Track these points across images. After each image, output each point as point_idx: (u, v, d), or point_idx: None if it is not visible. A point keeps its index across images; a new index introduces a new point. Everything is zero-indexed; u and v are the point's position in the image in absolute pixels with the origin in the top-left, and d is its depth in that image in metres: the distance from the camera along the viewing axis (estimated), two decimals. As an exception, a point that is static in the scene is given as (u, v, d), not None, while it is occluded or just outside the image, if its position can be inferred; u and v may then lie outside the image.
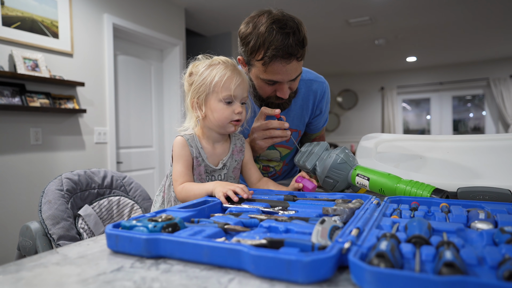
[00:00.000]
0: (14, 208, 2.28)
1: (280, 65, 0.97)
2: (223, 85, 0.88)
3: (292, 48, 0.95)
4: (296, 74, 1.02)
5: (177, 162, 0.89)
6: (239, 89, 0.89)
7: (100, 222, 1.04)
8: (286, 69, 0.98)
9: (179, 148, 0.90)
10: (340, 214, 0.60)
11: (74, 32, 2.62)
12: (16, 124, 2.28)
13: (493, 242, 0.45)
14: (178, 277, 0.40)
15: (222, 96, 0.88)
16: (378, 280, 0.33)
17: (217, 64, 0.91)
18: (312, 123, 1.29)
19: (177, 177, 0.88)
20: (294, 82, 1.06)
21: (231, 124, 0.91)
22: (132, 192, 1.18)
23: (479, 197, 0.80)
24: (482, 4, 3.61)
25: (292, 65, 0.98)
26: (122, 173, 1.23)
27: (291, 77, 1.01)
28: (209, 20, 4.04)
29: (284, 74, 0.99)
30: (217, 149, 0.95)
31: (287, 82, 1.03)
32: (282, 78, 1.00)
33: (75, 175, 1.06)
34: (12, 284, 0.38)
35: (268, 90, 1.06)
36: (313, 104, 1.23)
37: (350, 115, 7.43)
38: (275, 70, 0.98)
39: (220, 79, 0.88)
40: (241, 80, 0.90)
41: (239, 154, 0.99)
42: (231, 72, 0.89)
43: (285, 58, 0.96)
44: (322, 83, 1.23)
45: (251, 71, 1.06)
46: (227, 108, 0.89)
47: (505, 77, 6.01)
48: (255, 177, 1.00)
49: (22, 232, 0.92)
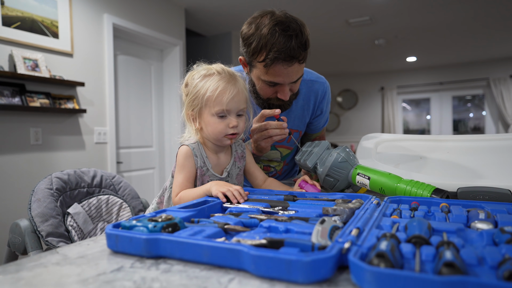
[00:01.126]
0: (14, 208, 2.28)
1: (282, 67, 0.96)
2: (215, 99, 0.85)
3: (295, 51, 0.94)
4: (298, 76, 1.02)
5: (179, 173, 0.87)
6: (233, 103, 0.86)
7: (89, 220, 1.07)
8: (287, 72, 0.98)
9: (183, 159, 0.88)
10: (340, 214, 0.60)
11: (74, 32, 2.62)
12: (16, 124, 2.28)
13: (493, 242, 0.45)
14: (178, 277, 0.40)
15: (214, 111, 0.85)
16: (378, 280, 0.33)
17: (211, 75, 0.87)
18: (313, 123, 1.29)
19: (175, 188, 0.86)
20: (295, 84, 1.06)
21: (226, 137, 0.89)
22: (121, 191, 1.21)
23: (479, 197, 0.80)
24: (482, 4, 3.61)
25: (293, 68, 0.98)
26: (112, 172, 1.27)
27: (293, 79, 1.01)
28: (209, 20, 4.04)
29: (285, 77, 0.99)
30: (220, 158, 0.94)
31: (288, 84, 1.03)
32: (284, 80, 1.00)
33: (65, 174, 1.09)
34: (12, 284, 0.38)
35: (269, 92, 1.06)
36: (314, 105, 1.23)
37: (350, 115, 7.43)
38: (276, 73, 0.98)
39: (212, 93, 0.84)
40: (236, 92, 0.86)
41: (241, 160, 0.98)
42: (224, 84, 0.85)
43: (287, 61, 0.95)
44: (323, 84, 1.23)
45: (252, 72, 1.06)
46: (221, 122, 0.86)
47: (505, 77, 6.01)
48: (260, 179, 1.00)
49: (12, 229, 0.96)
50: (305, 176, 0.94)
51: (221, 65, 0.91)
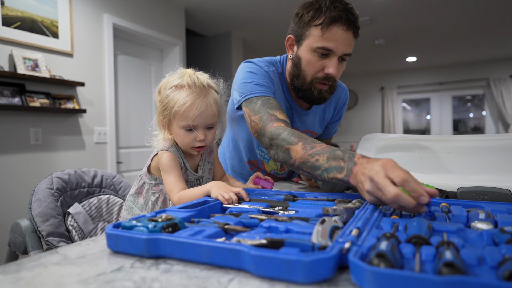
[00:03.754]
0: (14, 207, 2.28)
1: (340, 30, 0.98)
2: (182, 114, 0.85)
3: (353, 18, 0.98)
4: (349, 49, 1.02)
5: (169, 174, 0.88)
6: (200, 119, 0.86)
7: (89, 219, 1.07)
8: (343, 37, 0.99)
9: (170, 160, 0.89)
10: (340, 214, 0.60)
11: (74, 32, 2.62)
12: (16, 124, 2.28)
13: (493, 242, 0.45)
14: (178, 277, 0.40)
15: (181, 125, 0.87)
16: (378, 280, 0.33)
17: (182, 88, 0.87)
18: (329, 128, 1.31)
19: (172, 187, 0.86)
20: (342, 65, 1.05)
21: (194, 149, 0.91)
22: (121, 191, 1.22)
23: (479, 197, 0.80)
24: (482, 4, 3.61)
25: (349, 36, 0.99)
26: (112, 173, 1.27)
27: (345, 50, 1.01)
28: (209, 20, 4.04)
29: (340, 42, 0.99)
30: (194, 158, 0.98)
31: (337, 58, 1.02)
32: (337, 46, 0.99)
33: (66, 174, 1.09)
34: (12, 284, 0.38)
35: (317, 66, 1.03)
36: (335, 109, 1.25)
37: (350, 115, 7.43)
38: (333, 36, 0.98)
39: (179, 108, 0.85)
40: (204, 108, 0.86)
41: (210, 156, 1.04)
42: (192, 100, 0.85)
43: (346, 24, 0.97)
44: (345, 90, 1.26)
45: (302, 46, 1.05)
46: (188, 135, 0.88)
47: (505, 77, 6.01)
48: (219, 175, 1.06)
49: (12, 229, 0.96)
50: (258, 173, 0.97)
51: (195, 76, 0.89)
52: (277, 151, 0.92)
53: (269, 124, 0.95)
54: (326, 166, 0.78)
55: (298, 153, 0.85)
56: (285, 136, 0.89)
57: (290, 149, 0.87)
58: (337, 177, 0.75)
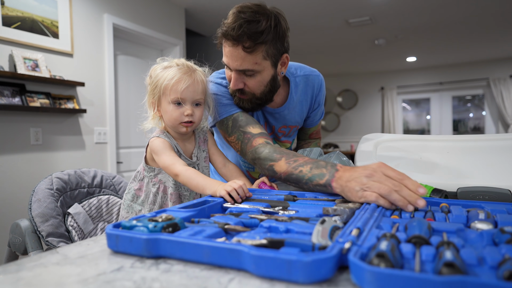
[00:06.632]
0: (14, 208, 2.28)
1: (227, 46, 0.97)
2: (171, 87, 0.91)
3: (239, 34, 0.91)
4: (244, 65, 0.96)
5: (163, 154, 0.91)
6: (187, 92, 0.91)
7: (89, 220, 1.08)
8: (231, 54, 0.96)
9: (162, 143, 0.93)
10: (340, 214, 0.60)
11: (74, 32, 2.62)
12: (16, 124, 2.28)
13: (493, 242, 0.45)
14: (178, 277, 0.40)
15: (170, 99, 0.92)
16: (378, 280, 0.33)
17: (170, 67, 0.93)
18: (310, 117, 1.31)
19: (171, 161, 0.89)
20: (250, 79, 1.00)
21: (182, 125, 0.94)
22: (121, 191, 1.22)
23: (479, 197, 0.80)
24: (482, 4, 3.61)
25: (238, 52, 0.95)
26: (112, 173, 1.27)
27: (236, 65, 0.97)
28: (209, 20, 4.04)
29: (229, 58, 0.98)
30: (186, 145, 1.01)
31: (236, 72, 0.99)
32: (228, 61, 0.99)
33: (65, 174, 1.10)
34: (12, 284, 0.38)
35: (228, 78, 1.04)
36: (312, 98, 1.24)
37: (350, 115, 7.43)
38: (226, 52, 0.99)
39: (169, 81, 0.91)
40: (191, 82, 0.92)
41: (204, 144, 1.05)
42: (181, 75, 0.91)
43: (229, 40, 0.94)
44: (317, 76, 1.24)
45: None
46: (177, 109, 0.92)
47: (505, 77, 6.01)
48: (219, 162, 1.06)
49: (12, 229, 0.96)
50: (263, 178, 0.97)
51: (183, 60, 0.97)
52: (261, 168, 0.96)
53: (248, 144, 1.00)
54: (309, 175, 0.81)
55: (282, 167, 0.89)
56: (267, 155, 0.93)
57: (274, 165, 0.91)
58: (319, 183, 0.79)
